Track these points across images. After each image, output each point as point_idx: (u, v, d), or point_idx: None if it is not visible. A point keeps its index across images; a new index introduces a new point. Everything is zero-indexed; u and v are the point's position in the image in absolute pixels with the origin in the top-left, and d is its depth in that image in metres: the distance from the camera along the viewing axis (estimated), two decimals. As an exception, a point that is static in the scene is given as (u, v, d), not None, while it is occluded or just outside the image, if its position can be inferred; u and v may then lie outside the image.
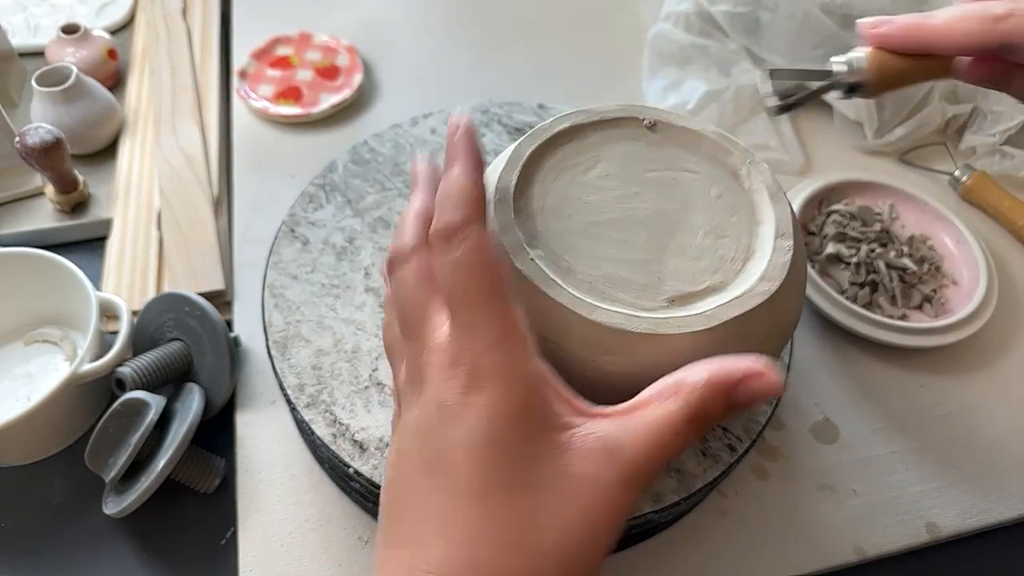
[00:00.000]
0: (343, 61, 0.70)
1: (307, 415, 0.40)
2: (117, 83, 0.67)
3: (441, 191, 0.28)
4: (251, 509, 0.44)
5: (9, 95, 0.64)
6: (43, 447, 0.46)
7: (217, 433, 0.47)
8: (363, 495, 0.41)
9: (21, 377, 0.49)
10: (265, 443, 0.46)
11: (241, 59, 0.70)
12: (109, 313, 0.49)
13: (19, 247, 0.48)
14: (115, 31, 0.72)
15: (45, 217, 0.57)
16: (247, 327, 0.51)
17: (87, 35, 0.65)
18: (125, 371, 0.43)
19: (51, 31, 0.67)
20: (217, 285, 0.52)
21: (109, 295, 0.48)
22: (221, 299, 0.52)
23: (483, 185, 0.29)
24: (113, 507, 0.42)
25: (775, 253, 0.34)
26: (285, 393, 0.41)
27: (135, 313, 0.49)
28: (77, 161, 0.58)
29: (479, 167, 0.29)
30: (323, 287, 0.46)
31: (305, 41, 0.72)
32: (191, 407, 0.43)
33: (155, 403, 0.42)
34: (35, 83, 0.58)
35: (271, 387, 0.48)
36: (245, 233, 0.57)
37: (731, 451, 0.40)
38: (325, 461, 0.43)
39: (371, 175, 0.52)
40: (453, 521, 0.24)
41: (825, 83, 0.40)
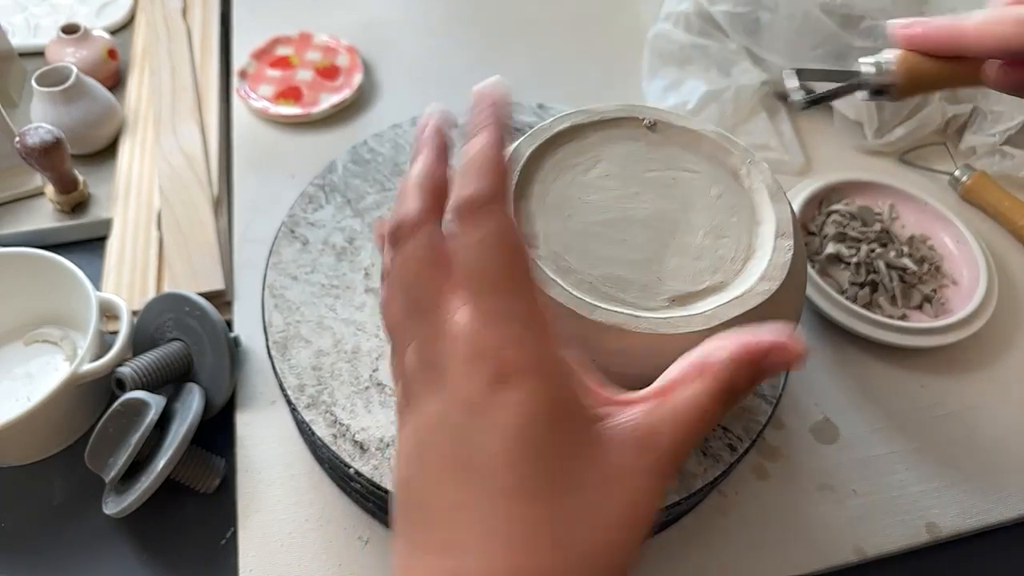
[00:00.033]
0: (343, 61, 0.70)
1: (308, 416, 0.40)
2: (117, 83, 0.67)
3: (465, 160, 0.26)
4: (251, 509, 0.44)
5: (9, 95, 0.64)
6: (43, 447, 0.46)
7: (217, 433, 0.47)
8: (363, 495, 0.41)
9: (21, 377, 0.49)
10: (265, 443, 0.46)
11: (241, 59, 0.70)
12: (109, 313, 0.49)
13: (19, 247, 0.49)
14: (115, 31, 0.72)
15: (45, 217, 0.57)
16: (247, 327, 0.51)
17: (87, 35, 0.65)
18: (125, 371, 0.43)
19: (51, 31, 0.67)
20: (217, 285, 0.52)
21: (109, 295, 0.48)
22: (221, 299, 0.52)
23: (509, 160, 0.27)
24: (113, 507, 0.42)
25: (775, 253, 0.34)
26: (285, 394, 0.41)
27: (135, 313, 0.49)
28: (77, 161, 0.58)
29: (507, 140, 0.27)
30: (323, 287, 0.46)
31: (305, 41, 0.72)
32: (191, 407, 0.43)
33: (155, 403, 0.42)
34: (35, 83, 0.58)
35: (271, 387, 0.48)
36: (245, 233, 0.57)
37: (731, 451, 0.40)
38: (325, 461, 0.43)
39: (371, 175, 0.52)
40: (495, 526, 0.22)
41: (852, 82, 0.39)
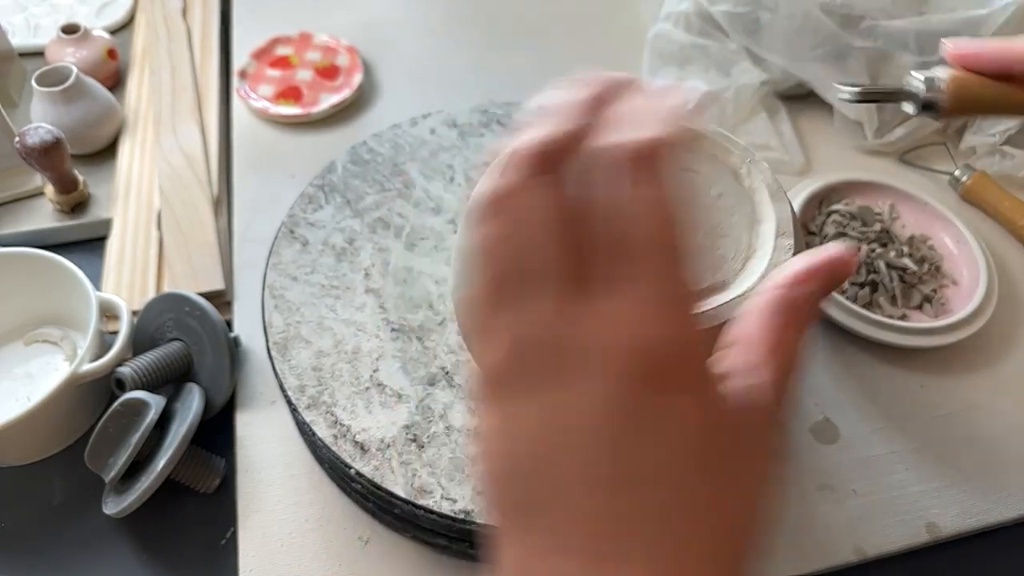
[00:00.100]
0: (343, 61, 0.70)
1: (308, 416, 0.40)
2: (117, 83, 0.67)
3: (631, 104, 0.22)
4: (251, 509, 0.44)
5: (9, 95, 0.64)
6: (43, 447, 0.46)
7: (217, 433, 0.47)
8: (364, 496, 0.41)
9: (21, 377, 0.49)
10: (265, 443, 0.46)
11: (241, 59, 0.70)
12: (109, 313, 0.49)
13: (19, 247, 0.49)
14: (115, 31, 0.72)
15: (45, 217, 0.57)
16: (247, 327, 0.51)
17: (87, 35, 0.65)
18: (125, 371, 0.43)
19: (51, 31, 0.67)
20: (217, 285, 0.52)
21: (109, 295, 0.48)
22: (221, 299, 0.52)
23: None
24: (113, 507, 0.42)
25: (775, 252, 0.34)
26: (286, 394, 0.41)
27: (135, 313, 0.49)
28: (77, 161, 0.58)
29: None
30: (323, 288, 0.46)
31: (305, 41, 0.72)
32: (191, 407, 0.43)
33: (155, 403, 0.42)
34: (35, 83, 0.58)
35: (271, 387, 0.48)
36: (245, 233, 0.57)
37: (731, 451, 0.40)
38: (325, 462, 0.43)
39: (370, 175, 0.52)
40: (657, 536, 0.21)
41: (901, 90, 0.40)
